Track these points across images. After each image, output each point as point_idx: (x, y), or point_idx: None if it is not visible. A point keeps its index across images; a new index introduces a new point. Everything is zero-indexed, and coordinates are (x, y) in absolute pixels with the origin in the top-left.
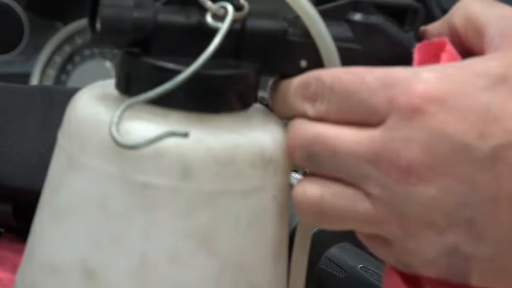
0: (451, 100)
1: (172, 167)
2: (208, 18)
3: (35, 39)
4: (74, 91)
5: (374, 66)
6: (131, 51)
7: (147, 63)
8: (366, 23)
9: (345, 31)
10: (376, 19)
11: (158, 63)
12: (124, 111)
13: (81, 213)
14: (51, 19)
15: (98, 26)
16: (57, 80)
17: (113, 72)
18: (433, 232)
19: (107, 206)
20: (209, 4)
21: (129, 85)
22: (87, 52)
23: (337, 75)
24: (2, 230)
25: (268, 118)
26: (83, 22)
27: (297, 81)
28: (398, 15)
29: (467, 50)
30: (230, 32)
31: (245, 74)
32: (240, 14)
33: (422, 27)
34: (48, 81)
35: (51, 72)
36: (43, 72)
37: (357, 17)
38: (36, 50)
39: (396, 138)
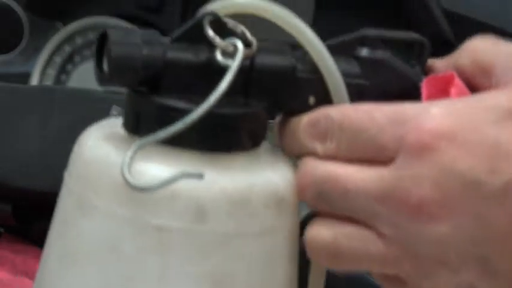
0: (460, 136)
1: (186, 209)
2: (218, 56)
3: (35, 39)
4: (74, 91)
5: (381, 101)
6: (139, 90)
7: (157, 103)
8: (373, 58)
9: (353, 67)
10: (383, 54)
11: (168, 102)
12: (135, 152)
13: (92, 257)
14: (51, 19)
15: (106, 66)
16: (57, 80)
17: None
18: (447, 271)
19: (119, 249)
20: (218, 41)
21: (139, 125)
22: (87, 52)
23: (346, 112)
24: (2, 230)
25: (277, 156)
26: (83, 22)
27: (306, 119)
28: (405, 48)
29: (474, 90)
30: (239, 69)
31: (256, 112)
32: (249, 51)
33: (430, 61)
34: (48, 81)
35: (51, 72)
36: (43, 72)
37: (364, 52)
38: (36, 50)
39: (406, 177)
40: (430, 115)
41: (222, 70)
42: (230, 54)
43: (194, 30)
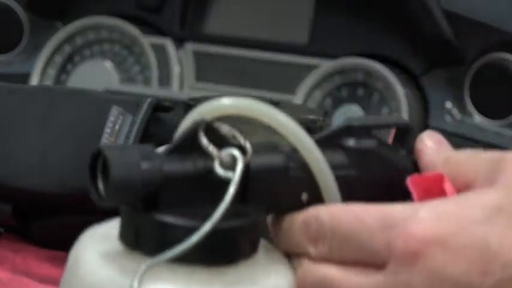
0: (449, 239)
1: None
2: (217, 168)
3: (35, 39)
4: (74, 91)
5: (370, 190)
6: (137, 205)
7: (158, 220)
8: (360, 148)
9: (340, 158)
10: (369, 143)
11: (169, 220)
12: (143, 275)
13: None
14: (51, 19)
15: (104, 187)
16: (57, 80)
17: (113, 73)
18: None
19: None
20: (216, 153)
21: (138, 240)
22: (87, 52)
23: (337, 215)
24: (2, 230)
25: (274, 257)
26: (83, 22)
27: (298, 220)
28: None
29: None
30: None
31: (257, 221)
32: (246, 159)
33: (419, 146)
34: (48, 81)
35: (51, 72)
36: (43, 72)
37: (351, 142)
38: (36, 50)
39: (399, 284)
40: (417, 219)
41: (220, 181)
42: (228, 165)
43: (188, 140)
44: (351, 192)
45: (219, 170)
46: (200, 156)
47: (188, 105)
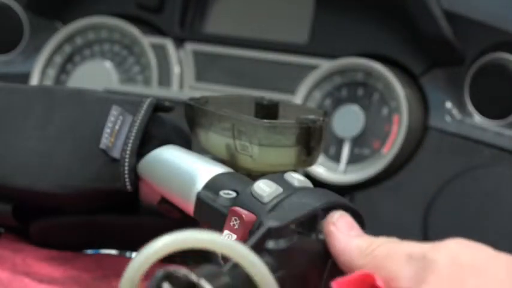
0: None
1: None
2: None
3: (35, 39)
4: (74, 91)
5: (298, 284)
6: None
7: None
8: (280, 249)
9: (270, 263)
10: (288, 240)
11: None
12: None
13: None
14: (51, 19)
15: None
16: (57, 80)
17: (113, 73)
18: None
19: None
20: None
21: None
22: (87, 52)
23: None
24: (2, 230)
25: None
26: (83, 22)
27: None
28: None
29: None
30: None
31: None
32: None
33: (328, 230)
34: (48, 81)
35: (51, 72)
36: (43, 72)
37: (271, 245)
38: (36, 50)
39: None
40: None
41: None
42: None
43: None
44: None
45: None
46: None
47: (188, 105)
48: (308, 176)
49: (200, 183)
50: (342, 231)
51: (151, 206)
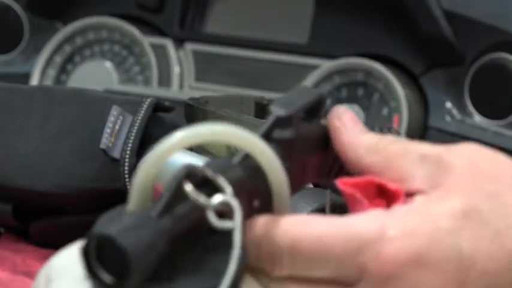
0: (423, 256)
1: None
2: (213, 219)
3: (35, 39)
4: (74, 91)
5: (301, 176)
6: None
7: None
8: (287, 138)
9: (278, 152)
10: (294, 129)
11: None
12: None
13: None
14: (51, 19)
15: (108, 277)
16: (57, 80)
17: (113, 73)
18: None
19: None
20: (209, 203)
21: None
22: (87, 52)
23: (297, 241)
24: (2, 230)
25: None
26: (83, 22)
27: (252, 237)
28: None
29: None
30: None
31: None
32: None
33: (334, 125)
34: (48, 81)
35: (51, 72)
36: (43, 72)
37: (279, 134)
38: (36, 50)
39: None
40: (387, 240)
41: (215, 231)
42: (222, 213)
43: (176, 194)
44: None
45: (215, 221)
46: (191, 210)
47: (188, 105)
48: None
49: None
50: (349, 127)
51: None
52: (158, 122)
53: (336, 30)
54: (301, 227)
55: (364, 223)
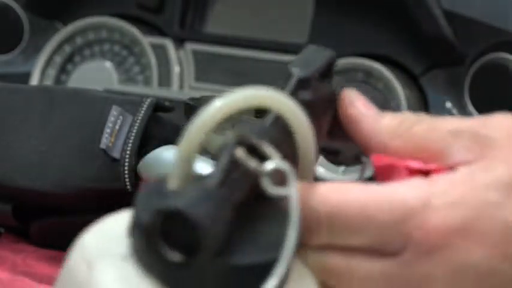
0: (469, 226)
1: None
2: (268, 186)
3: (35, 39)
4: (74, 91)
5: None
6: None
7: (235, 265)
8: (308, 99)
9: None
10: (313, 90)
11: (247, 261)
12: None
13: None
14: (51, 19)
15: (176, 256)
16: (57, 80)
17: (113, 73)
18: None
19: None
20: (264, 169)
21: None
22: (87, 52)
23: (337, 208)
24: (2, 230)
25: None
26: (83, 22)
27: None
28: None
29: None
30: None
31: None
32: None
33: (349, 113)
34: (48, 81)
35: (51, 72)
36: (43, 72)
37: (301, 95)
38: (36, 50)
39: (416, 275)
40: (433, 210)
41: (268, 199)
42: (274, 180)
43: (231, 161)
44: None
45: (273, 190)
46: (245, 178)
47: (188, 105)
48: None
49: None
50: (365, 113)
51: None
52: (158, 122)
53: (336, 30)
54: (341, 194)
55: (408, 191)
